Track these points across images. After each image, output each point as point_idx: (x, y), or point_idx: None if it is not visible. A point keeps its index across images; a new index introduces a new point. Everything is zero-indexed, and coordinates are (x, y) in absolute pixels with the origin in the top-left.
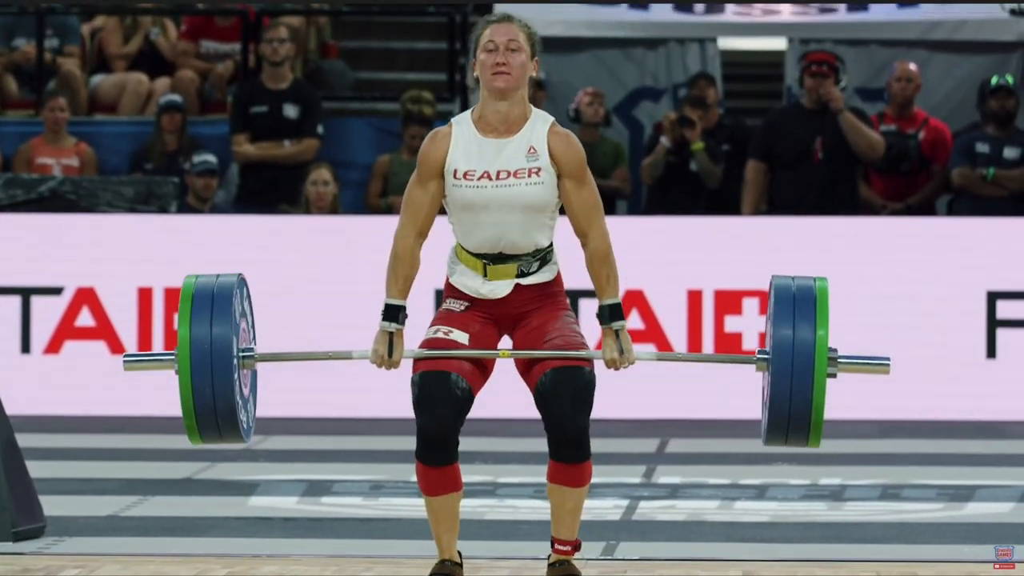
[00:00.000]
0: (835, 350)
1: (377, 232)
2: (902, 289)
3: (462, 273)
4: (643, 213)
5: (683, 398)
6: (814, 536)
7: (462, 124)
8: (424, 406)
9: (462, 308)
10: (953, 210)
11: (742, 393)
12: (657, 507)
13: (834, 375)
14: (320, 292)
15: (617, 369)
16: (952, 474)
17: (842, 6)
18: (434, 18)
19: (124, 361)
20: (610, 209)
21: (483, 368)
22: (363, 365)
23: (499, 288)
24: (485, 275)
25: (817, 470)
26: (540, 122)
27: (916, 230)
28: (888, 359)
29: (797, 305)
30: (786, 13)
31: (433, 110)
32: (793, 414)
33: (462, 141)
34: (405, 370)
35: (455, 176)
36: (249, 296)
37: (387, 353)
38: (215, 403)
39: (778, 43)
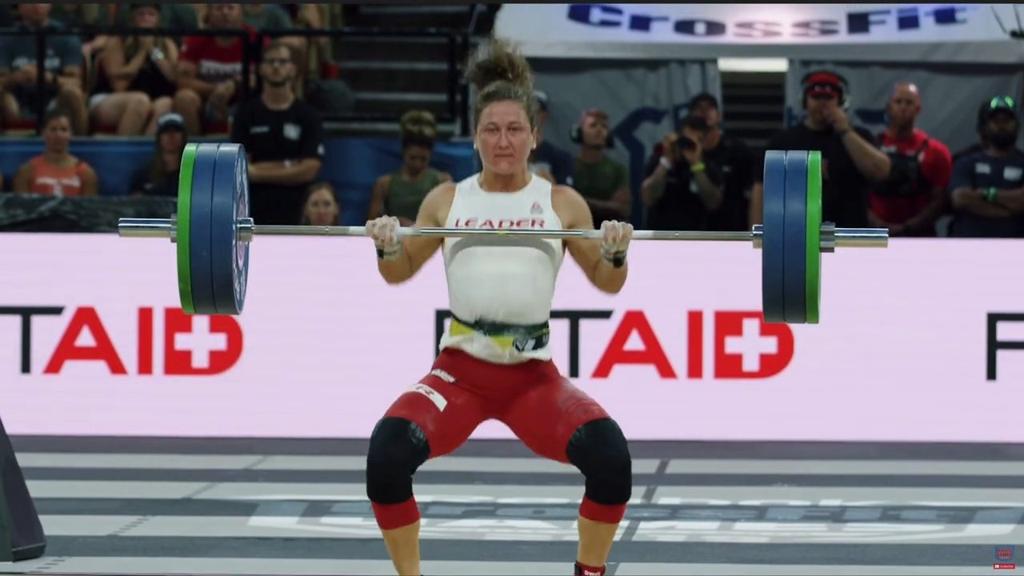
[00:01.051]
0: (831, 223)
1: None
2: (902, 310)
3: (456, 342)
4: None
5: (683, 419)
6: (814, 558)
7: (464, 184)
8: (376, 445)
9: (451, 380)
10: (954, 232)
11: (742, 414)
12: (657, 528)
13: (831, 249)
14: (320, 312)
15: (616, 240)
16: (952, 495)
17: (843, 28)
18: (434, 39)
19: (120, 226)
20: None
21: (450, 437)
22: (365, 388)
23: (496, 351)
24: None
25: (817, 491)
26: (542, 184)
27: (916, 252)
28: (886, 231)
29: (788, 178)
30: (787, 35)
31: (433, 131)
32: (787, 287)
33: (466, 196)
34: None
35: (457, 226)
36: (246, 167)
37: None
38: (212, 270)
39: (779, 64)
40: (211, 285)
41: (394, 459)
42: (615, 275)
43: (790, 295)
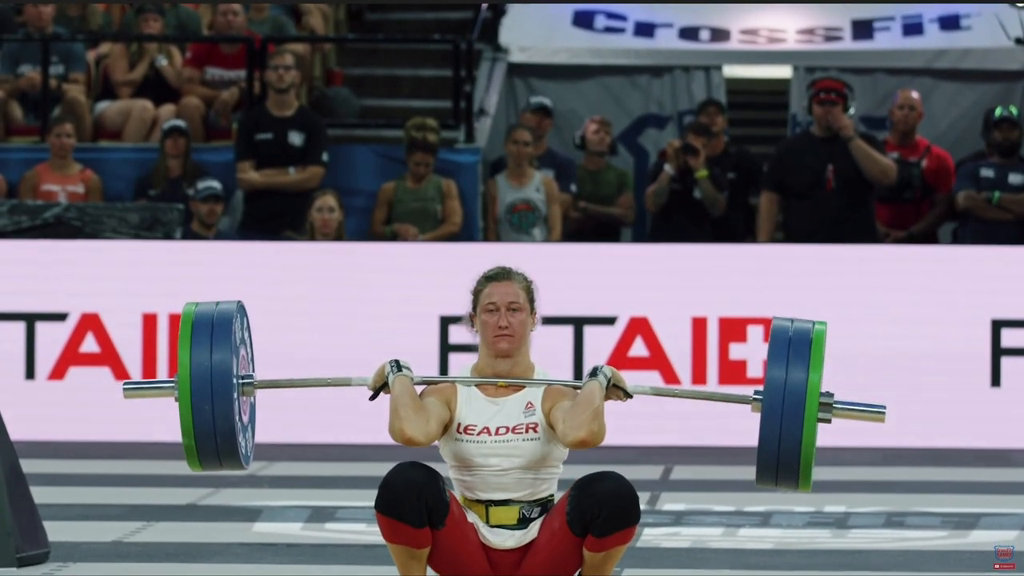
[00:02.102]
0: (831, 395)
1: (382, 259)
2: (905, 317)
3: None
4: (647, 240)
5: (687, 425)
6: (818, 563)
7: (461, 384)
8: (399, 467)
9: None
10: (958, 238)
11: (746, 420)
12: (661, 534)
13: (828, 420)
14: (325, 319)
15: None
16: (956, 502)
17: (847, 34)
18: (439, 45)
19: (124, 389)
20: (614, 236)
21: (458, 541)
22: (369, 394)
23: (503, 535)
24: (487, 520)
25: (821, 497)
26: (539, 384)
27: (919, 258)
28: (884, 407)
29: (792, 347)
30: (791, 41)
31: (437, 137)
32: (782, 456)
33: (465, 397)
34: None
35: (458, 430)
36: (248, 325)
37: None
38: (215, 427)
39: (783, 71)
40: (215, 443)
41: (412, 481)
42: (583, 398)
43: (784, 462)
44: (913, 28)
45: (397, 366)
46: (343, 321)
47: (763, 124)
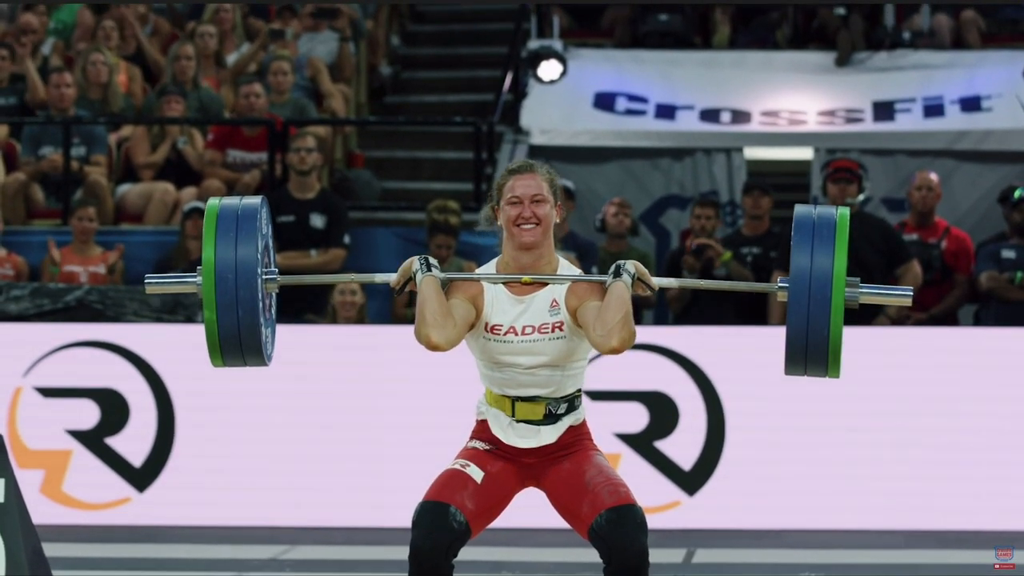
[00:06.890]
0: (857, 279)
1: (403, 343)
2: (927, 399)
3: (491, 416)
4: (670, 323)
5: (709, 508)
6: None
7: (488, 283)
8: (419, 532)
9: (487, 448)
10: (980, 320)
11: (769, 503)
12: None
13: (856, 304)
14: (346, 402)
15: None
16: None
17: (868, 116)
18: (460, 128)
19: (146, 282)
20: (637, 319)
21: (489, 510)
22: (392, 478)
23: (526, 434)
24: (512, 414)
25: None
26: (563, 278)
27: (941, 340)
28: (910, 289)
29: (816, 233)
30: (812, 123)
31: (459, 220)
32: (811, 341)
33: (491, 295)
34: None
35: (485, 328)
36: (270, 220)
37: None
38: (239, 321)
39: (804, 152)
40: (239, 337)
41: (438, 546)
42: (611, 303)
43: (813, 349)
44: (934, 110)
45: (426, 264)
46: (363, 406)
47: (784, 205)
